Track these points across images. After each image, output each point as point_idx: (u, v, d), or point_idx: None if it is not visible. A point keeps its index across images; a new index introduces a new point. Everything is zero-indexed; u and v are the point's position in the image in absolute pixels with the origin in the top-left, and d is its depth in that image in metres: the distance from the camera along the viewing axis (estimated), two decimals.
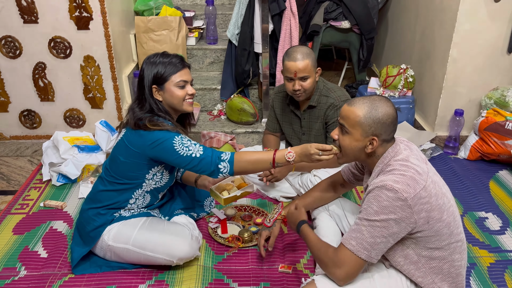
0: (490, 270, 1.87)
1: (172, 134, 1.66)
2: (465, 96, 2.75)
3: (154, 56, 1.73)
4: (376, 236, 1.30)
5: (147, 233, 1.77)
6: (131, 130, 1.73)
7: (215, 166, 1.64)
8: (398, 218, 1.28)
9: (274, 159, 1.62)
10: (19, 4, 2.50)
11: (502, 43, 2.60)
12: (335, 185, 1.78)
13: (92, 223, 1.79)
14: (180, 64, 1.73)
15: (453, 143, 2.78)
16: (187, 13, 3.25)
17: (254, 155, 1.66)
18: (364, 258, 1.32)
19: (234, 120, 2.90)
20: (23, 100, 2.78)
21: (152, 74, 1.70)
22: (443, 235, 1.35)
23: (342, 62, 3.79)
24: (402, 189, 1.27)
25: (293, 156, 1.60)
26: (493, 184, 2.47)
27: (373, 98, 1.40)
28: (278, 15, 2.68)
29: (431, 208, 1.31)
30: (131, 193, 1.79)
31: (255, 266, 1.89)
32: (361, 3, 3.06)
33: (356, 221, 1.35)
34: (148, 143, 1.67)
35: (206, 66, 3.28)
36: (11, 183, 2.50)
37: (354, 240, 1.33)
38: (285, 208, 1.79)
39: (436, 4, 2.76)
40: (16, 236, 2.06)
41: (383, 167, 1.39)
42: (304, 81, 2.03)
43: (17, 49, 2.62)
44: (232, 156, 1.65)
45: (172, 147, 1.65)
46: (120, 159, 1.75)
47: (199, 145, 1.67)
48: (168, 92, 1.72)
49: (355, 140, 1.39)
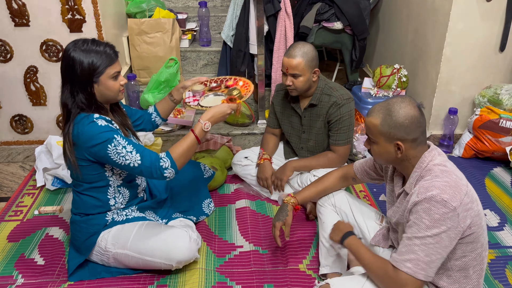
0: (491, 266, 1.89)
1: (107, 140, 1.59)
2: (458, 95, 2.78)
3: (84, 44, 1.60)
4: (432, 254, 1.26)
5: (144, 238, 1.73)
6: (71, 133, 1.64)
7: (159, 175, 1.64)
8: (448, 229, 1.25)
9: (196, 136, 1.70)
10: (10, 7, 2.45)
11: (494, 41, 2.64)
12: (347, 177, 1.77)
13: (84, 231, 1.76)
14: (114, 54, 1.64)
15: (448, 142, 2.80)
16: (180, 15, 3.23)
17: (183, 145, 1.68)
18: (422, 278, 1.28)
19: (230, 122, 2.89)
20: (14, 105, 2.72)
21: (90, 64, 1.58)
22: (479, 242, 1.33)
23: (333, 63, 3.80)
24: (451, 199, 1.24)
25: (208, 125, 1.71)
26: (489, 181, 2.50)
27: (388, 103, 1.36)
28: (273, 16, 2.68)
29: (474, 214, 1.29)
30: (105, 194, 1.74)
31: (258, 268, 1.87)
32: (353, 4, 3.08)
33: (405, 241, 1.31)
34: (85, 146, 1.61)
35: (200, 68, 3.26)
36: (4, 189, 2.45)
37: (409, 262, 1.28)
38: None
39: (428, 4, 2.79)
40: (11, 244, 2.01)
41: (421, 172, 1.35)
42: (295, 79, 2.03)
43: (8, 53, 2.57)
44: (172, 161, 1.65)
45: (108, 155, 1.60)
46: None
47: (136, 152, 1.62)
48: (103, 85, 1.63)
49: (382, 148, 1.37)
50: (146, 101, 2.88)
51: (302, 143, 2.27)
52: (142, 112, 2.04)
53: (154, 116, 2.05)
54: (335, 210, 1.79)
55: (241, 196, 2.33)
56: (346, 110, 2.09)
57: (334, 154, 2.16)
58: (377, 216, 1.74)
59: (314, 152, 2.25)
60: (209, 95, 1.98)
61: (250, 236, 2.05)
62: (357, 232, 1.74)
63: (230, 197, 2.35)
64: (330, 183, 1.80)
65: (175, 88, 2.04)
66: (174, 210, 2.02)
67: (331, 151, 2.18)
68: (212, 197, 2.27)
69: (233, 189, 2.42)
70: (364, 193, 2.39)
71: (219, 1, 3.71)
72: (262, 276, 1.82)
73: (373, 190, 2.42)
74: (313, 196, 1.81)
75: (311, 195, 1.81)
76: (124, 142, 1.62)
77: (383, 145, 1.37)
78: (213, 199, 2.26)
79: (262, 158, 2.26)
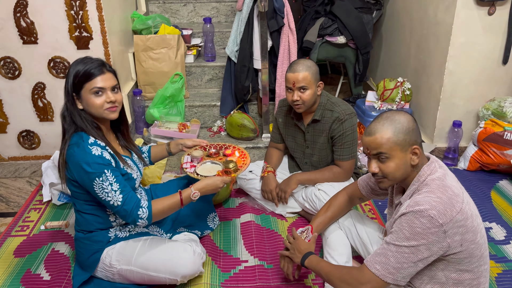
0: (498, 280, 1.87)
1: (96, 173, 1.57)
2: (462, 108, 2.79)
3: (75, 62, 1.63)
4: (403, 262, 1.28)
5: (148, 253, 1.73)
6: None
7: (132, 221, 1.66)
8: (429, 242, 1.25)
9: (181, 200, 1.72)
10: (19, 25, 2.50)
11: (497, 54, 2.65)
12: (353, 198, 1.75)
13: (88, 248, 1.75)
14: (97, 69, 1.60)
15: (453, 154, 2.80)
16: (185, 31, 3.28)
17: (166, 203, 1.71)
18: (390, 281, 1.30)
19: (235, 136, 2.90)
20: (22, 121, 2.76)
21: (71, 80, 1.60)
22: (475, 257, 1.33)
23: (337, 76, 3.82)
24: (438, 215, 1.24)
25: (197, 194, 1.74)
26: (495, 194, 2.48)
27: (386, 116, 1.37)
28: (277, 32, 2.71)
29: (466, 230, 1.28)
30: (104, 212, 1.74)
31: (263, 282, 1.86)
32: (356, 19, 3.11)
33: (383, 245, 1.33)
34: (74, 169, 1.61)
35: (204, 83, 3.29)
36: (10, 204, 2.46)
37: (379, 265, 1.31)
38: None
39: (430, 18, 2.81)
40: (18, 259, 2.02)
41: (419, 185, 1.35)
42: (303, 92, 2.04)
43: (16, 70, 2.61)
44: (150, 215, 1.67)
45: (92, 187, 1.60)
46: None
47: (120, 193, 1.61)
48: (85, 101, 1.61)
49: (399, 159, 1.34)
50: (151, 116, 2.91)
51: (306, 158, 2.28)
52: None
53: (145, 156, 2.05)
54: (339, 226, 1.79)
55: (245, 210, 2.34)
56: (348, 125, 2.10)
57: (339, 169, 2.17)
58: (380, 230, 1.73)
59: (318, 167, 2.26)
60: (206, 162, 2.01)
61: (255, 251, 2.04)
62: (361, 247, 1.73)
63: (234, 211, 2.35)
64: (338, 210, 1.77)
65: (174, 142, 2.05)
66: (178, 224, 2.02)
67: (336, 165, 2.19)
68: (217, 211, 2.27)
69: (238, 203, 2.42)
70: (369, 207, 2.38)
71: (223, 17, 3.76)
72: None
73: (378, 204, 2.41)
74: (324, 226, 1.78)
75: (323, 227, 1.78)
76: (112, 179, 1.61)
77: (400, 156, 1.34)
78: (218, 213, 2.26)
79: (266, 170, 2.27)
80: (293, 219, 2.28)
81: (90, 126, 1.64)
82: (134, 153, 1.86)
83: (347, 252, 1.73)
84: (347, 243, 1.75)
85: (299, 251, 1.61)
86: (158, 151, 2.06)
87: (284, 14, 2.67)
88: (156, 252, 1.73)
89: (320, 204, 2.03)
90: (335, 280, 1.42)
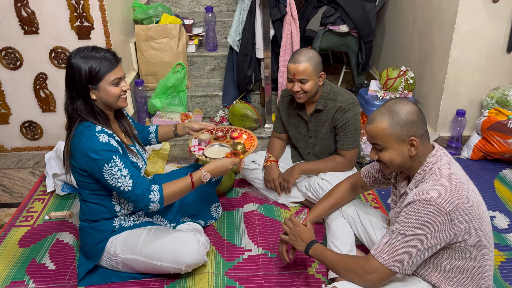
0: (501, 268, 1.87)
1: (104, 160, 1.58)
2: (466, 97, 2.77)
3: (84, 50, 1.61)
4: (410, 251, 1.28)
5: (153, 242, 1.75)
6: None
7: (144, 206, 1.66)
8: (436, 231, 1.26)
9: (193, 183, 1.73)
10: (19, 15, 2.49)
11: (501, 43, 2.63)
12: (356, 187, 1.75)
13: (93, 238, 1.77)
14: (114, 60, 1.63)
15: (456, 143, 2.79)
16: (187, 21, 3.26)
17: (177, 186, 1.72)
18: (397, 270, 1.30)
19: (237, 126, 2.89)
20: (24, 112, 2.76)
21: (87, 71, 1.59)
22: (480, 245, 1.33)
23: (339, 66, 3.80)
24: (445, 204, 1.24)
25: (207, 176, 1.75)
26: (498, 183, 2.48)
27: (388, 105, 1.36)
28: (279, 20, 2.69)
29: (472, 218, 1.29)
30: (110, 201, 1.75)
31: (266, 271, 1.87)
32: (359, 7, 3.08)
33: (389, 234, 1.33)
34: (82, 158, 1.61)
35: (206, 73, 3.28)
36: (14, 195, 2.47)
37: (385, 254, 1.31)
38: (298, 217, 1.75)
39: (434, 6, 2.78)
40: (23, 249, 2.03)
41: (425, 175, 1.35)
42: (303, 84, 2.03)
43: (18, 60, 2.60)
44: (162, 198, 1.67)
45: (101, 174, 1.60)
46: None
47: (130, 178, 1.62)
48: (103, 91, 1.63)
49: (395, 151, 1.35)
50: (153, 106, 2.91)
51: (309, 148, 2.27)
52: (142, 127, 2.07)
53: (152, 137, 2.08)
54: (342, 215, 1.79)
55: (249, 200, 2.34)
56: (351, 115, 2.09)
57: (342, 158, 2.16)
58: (383, 219, 1.73)
59: (321, 157, 2.25)
60: (214, 144, 2.03)
61: (258, 240, 2.05)
62: (364, 236, 1.74)
63: (238, 201, 2.36)
64: (340, 197, 1.77)
65: (181, 124, 2.08)
66: (182, 214, 2.03)
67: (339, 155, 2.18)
68: (220, 201, 2.28)
69: (241, 193, 2.43)
70: (372, 196, 2.39)
71: (225, 6, 3.73)
72: (271, 280, 1.83)
73: (381, 193, 2.41)
74: (325, 212, 1.78)
75: (323, 213, 1.78)
76: (121, 165, 1.62)
77: (395, 147, 1.35)
78: (221, 203, 2.27)
79: (268, 160, 2.27)
80: (296, 209, 2.29)
81: (101, 117, 1.67)
82: (136, 142, 1.86)
83: (351, 241, 1.74)
84: (350, 232, 1.75)
85: (302, 240, 1.60)
86: (165, 132, 2.10)
87: (287, 3, 2.65)
88: (160, 242, 1.74)
89: (323, 193, 2.03)
90: (340, 269, 1.43)
